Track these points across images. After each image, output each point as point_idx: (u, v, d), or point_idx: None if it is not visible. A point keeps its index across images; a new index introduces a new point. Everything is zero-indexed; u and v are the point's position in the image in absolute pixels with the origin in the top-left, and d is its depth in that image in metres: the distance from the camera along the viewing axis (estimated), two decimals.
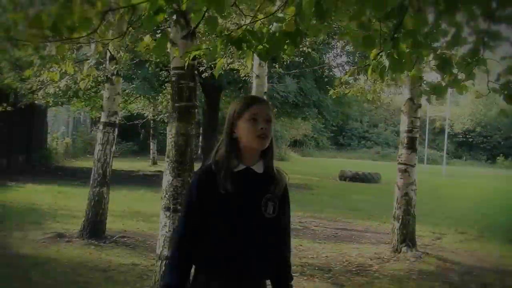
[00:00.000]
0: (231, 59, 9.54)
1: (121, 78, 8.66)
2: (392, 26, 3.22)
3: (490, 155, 52.70)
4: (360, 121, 55.60)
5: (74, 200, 11.81)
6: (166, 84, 17.53)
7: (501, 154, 50.37)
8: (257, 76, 9.46)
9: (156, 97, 22.27)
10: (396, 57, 3.26)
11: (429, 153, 44.48)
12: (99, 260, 7.20)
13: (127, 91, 17.65)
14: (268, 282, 2.66)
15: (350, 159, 44.83)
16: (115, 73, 8.19)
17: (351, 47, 15.85)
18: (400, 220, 8.58)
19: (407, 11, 3.18)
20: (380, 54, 3.37)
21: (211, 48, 3.09)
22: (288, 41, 3.07)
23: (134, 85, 16.54)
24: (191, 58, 3.44)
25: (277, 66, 12.82)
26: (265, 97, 9.46)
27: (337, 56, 20.62)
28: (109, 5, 3.06)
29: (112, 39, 3.30)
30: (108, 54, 8.23)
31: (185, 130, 5.27)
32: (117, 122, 8.67)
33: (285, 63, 12.88)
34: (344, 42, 13.22)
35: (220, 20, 2.98)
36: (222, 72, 12.84)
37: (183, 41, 5.05)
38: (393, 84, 11.92)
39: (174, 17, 2.68)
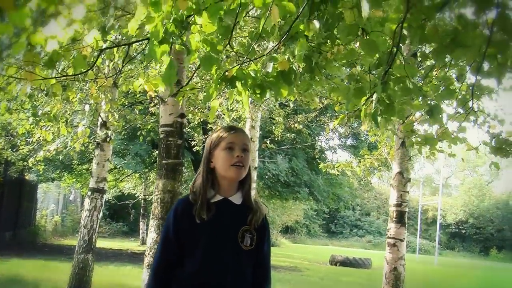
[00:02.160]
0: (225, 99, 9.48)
1: (113, 142, 8.68)
2: (381, 70, 3.26)
3: (483, 247, 52.14)
4: (353, 209, 55.20)
5: (59, 273, 11.46)
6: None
7: (494, 247, 49.96)
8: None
9: (148, 177, 22.29)
10: (387, 102, 3.30)
11: (421, 243, 44.10)
12: None
13: (118, 167, 17.66)
14: None
15: (341, 247, 44.25)
16: (108, 135, 8.24)
17: (343, 130, 16.05)
18: None
19: (394, 58, 3.24)
20: (371, 99, 3.41)
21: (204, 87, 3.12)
22: (281, 80, 3.10)
23: (125, 161, 16.59)
24: (185, 97, 3.47)
25: (268, 141, 12.90)
26: (255, 173, 9.45)
27: (329, 140, 20.86)
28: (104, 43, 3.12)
29: (107, 77, 3.35)
30: (100, 120, 8.32)
31: (172, 187, 5.26)
32: (105, 188, 8.65)
33: (276, 139, 12.97)
34: (334, 119, 13.37)
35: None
36: None
37: (173, 98, 5.09)
38: (383, 165, 11.98)
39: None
